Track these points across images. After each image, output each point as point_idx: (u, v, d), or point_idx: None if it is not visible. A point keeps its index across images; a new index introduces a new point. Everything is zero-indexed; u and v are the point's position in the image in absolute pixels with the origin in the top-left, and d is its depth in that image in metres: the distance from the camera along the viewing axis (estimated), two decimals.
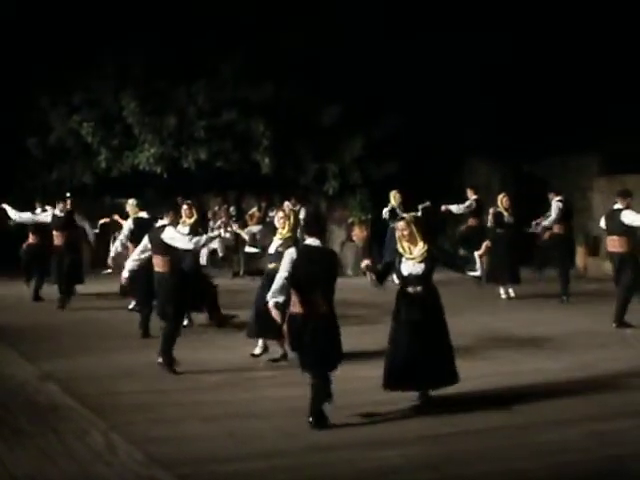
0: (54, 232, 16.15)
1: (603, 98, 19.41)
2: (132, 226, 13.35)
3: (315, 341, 7.64)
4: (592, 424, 7.75)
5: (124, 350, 11.58)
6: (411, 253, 8.32)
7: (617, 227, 12.76)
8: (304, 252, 7.86)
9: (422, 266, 8.24)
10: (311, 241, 7.94)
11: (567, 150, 20.39)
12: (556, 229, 15.78)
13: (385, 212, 18.58)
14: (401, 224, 8.48)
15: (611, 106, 19.17)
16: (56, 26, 21.11)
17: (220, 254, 20.98)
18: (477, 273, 10.03)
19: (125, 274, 10.87)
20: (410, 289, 8.27)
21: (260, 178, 22.23)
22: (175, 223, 10.73)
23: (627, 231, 12.68)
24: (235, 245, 21.02)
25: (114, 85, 21.75)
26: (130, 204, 14.09)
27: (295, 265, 7.73)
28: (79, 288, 16.68)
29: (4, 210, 17.12)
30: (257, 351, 10.78)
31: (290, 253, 7.86)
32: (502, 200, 16.30)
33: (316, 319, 7.66)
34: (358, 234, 22.56)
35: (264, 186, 23.25)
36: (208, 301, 12.89)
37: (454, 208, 17.91)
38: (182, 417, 8.20)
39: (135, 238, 12.58)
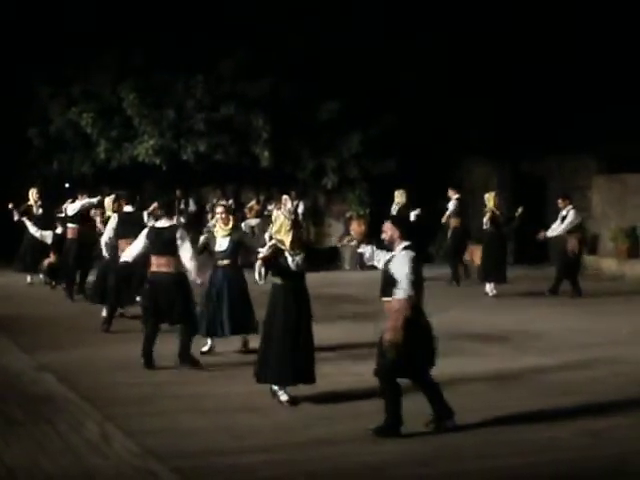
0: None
1: (602, 98, 19.41)
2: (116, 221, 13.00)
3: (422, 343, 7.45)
4: (585, 422, 7.77)
5: (120, 342, 11.57)
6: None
7: None
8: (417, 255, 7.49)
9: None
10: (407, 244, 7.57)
11: (566, 149, 20.39)
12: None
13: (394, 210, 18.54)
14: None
15: (610, 106, 19.17)
16: (56, 18, 21.10)
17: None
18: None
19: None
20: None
21: (259, 171, 22.24)
22: (181, 224, 10.69)
23: None
24: None
25: (114, 77, 21.73)
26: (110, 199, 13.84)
27: (416, 267, 7.38)
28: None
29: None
30: (205, 348, 10.83)
31: (409, 254, 7.43)
32: (494, 199, 16.27)
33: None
34: (356, 229, 22.53)
35: (263, 179, 23.26)
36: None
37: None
38: (178, 410, 8.21)
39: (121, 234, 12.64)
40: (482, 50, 20.45)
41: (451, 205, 18.19)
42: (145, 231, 10.48)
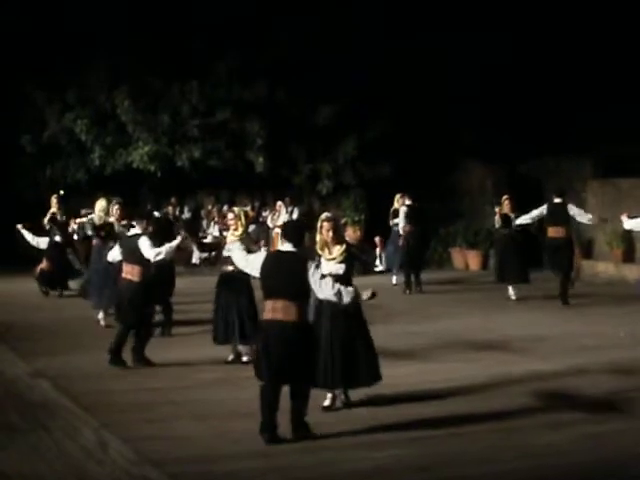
0: None
1: (598, 101, 19.43)
2: None
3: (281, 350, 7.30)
4: (583, 426, 7.74)
5: None
6: (330, 253, 8.43)
7: None
8: (272, 258, 7.61)
9: (342, 266, 8.35)
10: (286, 247, 7.57)
11: (561, 152, 20.39)
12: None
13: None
14: (328, 224, 8.51)
15: (605, 109, 19.19)
16: (51, 24, 21.07)
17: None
18: (381, 267, 10.75)
19: None
20: None
21: (254, 177, 22.23)
22: (147, 232, 10.55)
23: None
24: None
25: (108, 83, 21.70)
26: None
27: (262, 269, 7.49)
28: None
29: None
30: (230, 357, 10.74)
31: (262, 255, 7.75)
32: (505, 202, 16.25)
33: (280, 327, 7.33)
34: (351, 234, 22.55)
35: (257, 185, 23.25)
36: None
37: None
38: (174, 416, 8.18)
39: None
40: (477, 52, 20.45)
41: (402, 213, 17.55)
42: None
